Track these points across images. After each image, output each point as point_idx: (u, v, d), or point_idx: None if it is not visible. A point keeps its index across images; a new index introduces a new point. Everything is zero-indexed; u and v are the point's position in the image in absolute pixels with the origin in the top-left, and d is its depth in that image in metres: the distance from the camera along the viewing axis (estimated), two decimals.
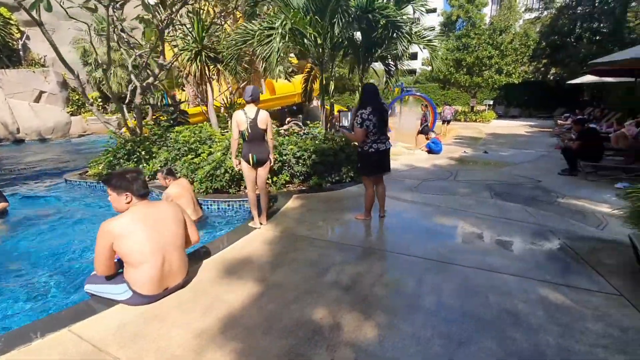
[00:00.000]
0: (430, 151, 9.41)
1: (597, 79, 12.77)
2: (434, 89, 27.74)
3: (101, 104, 20.28)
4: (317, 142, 6.05)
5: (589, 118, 15.16)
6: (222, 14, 8.27)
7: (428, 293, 2.61)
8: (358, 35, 6.34)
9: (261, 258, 3.22)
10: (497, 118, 22.67)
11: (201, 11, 6.68)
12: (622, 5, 18.89)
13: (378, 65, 8.73)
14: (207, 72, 5.81)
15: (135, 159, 6.34)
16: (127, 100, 6.97)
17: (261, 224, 4.02)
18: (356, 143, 4.22)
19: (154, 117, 7.47)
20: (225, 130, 6.62)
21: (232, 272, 2.96)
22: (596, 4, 20.40)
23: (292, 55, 18.91)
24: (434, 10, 46.32)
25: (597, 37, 20.46)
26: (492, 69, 19.19)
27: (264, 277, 2.87)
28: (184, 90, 13.40)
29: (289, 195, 5.26)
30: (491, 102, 22.78)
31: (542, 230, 3.84)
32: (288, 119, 19.30)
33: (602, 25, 20.49)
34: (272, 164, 4.16)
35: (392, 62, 7.29)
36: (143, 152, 6.33)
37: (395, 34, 5.35)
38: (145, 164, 6.20)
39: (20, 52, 18.81)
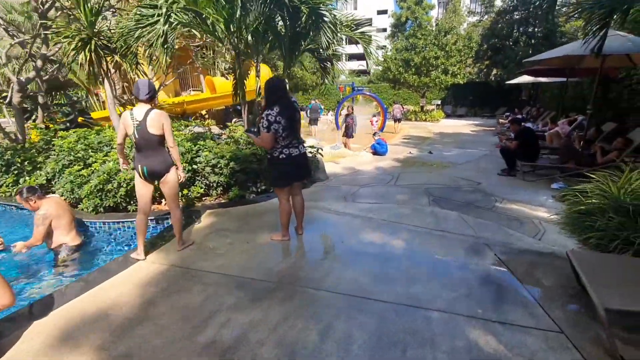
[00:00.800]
0: (375, 153, 9.02)
1: (533, 79, 13.28)
2: (385, 88, 28.01)
3: None
4: (237, 147, 5.28)
5: (526, 117, 15.87)
6: None
7: (332, 352, 1.98)
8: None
9: (123, 309, 2.40)
10: (446, 117, 23.31)
11: None
12: (549, 7, 20.15)
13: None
14: (102, 64, 4.80)
15: (15, 172, 5.14)
16: (7, 99, 5.70)
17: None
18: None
19: (45, 119, 6.21)
20: None
21: (69, 336, 2.13)
22: (530, 10, 21.64)
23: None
24: (385, 12, 47.52)
25: (532, 41, 21.73)
26: (439, 69, 19.57)
27: (113, 342, 2.07)
28: None
29: (203, 210, 4.45)
30: (439, 102, 23.34)
31: (478, 244, 3.41)
32: (235, 120, 18.27)
33: (536, 29, 21.78)
34: (181, 179, 3.34)
35: (328, 57, 6.74)
36: (25, 163, 5.15)
37: (319, 24, 4.76)
38: (26, 177, 5.03)
39: None
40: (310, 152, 6.14)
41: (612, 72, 8.79)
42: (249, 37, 5.66)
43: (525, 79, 14.19)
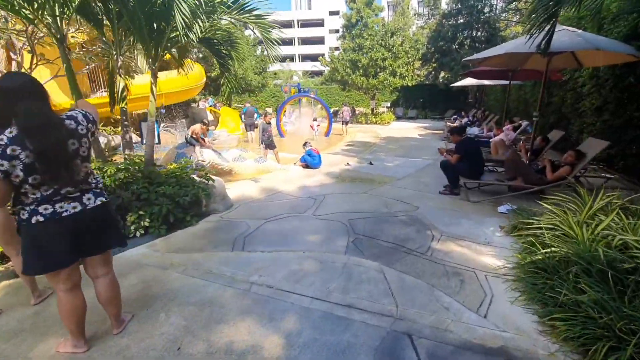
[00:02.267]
0: (307, 166, 7.74)
1: (477, 82, 12.87)
2: (336, 90, 27.15)
3: None
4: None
5: (473, 120, 15.62)
6: None
7: None
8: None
9: None
10: (397, 120, 22.88)
11: None
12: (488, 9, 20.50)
13: None
14: None
15: None
16: None
17: None
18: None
19: None
20: None
21: None
22: (473, 14, 21.82)
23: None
24: (337, 13, 46.95)
25: (476, 44, 21.95)
26: (387, 71, 18.92)
27: None
28: None
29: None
30: (388, 105, 22.86)
31: (396, 337, 2.19)
32: (163, 125, 16.15)
33: (479, 33, 22.03)
34: None
35: (224, 52, 5.30)
36: None
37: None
38: None
39: None
40: (199, 177, 4.68)
41: (555, 74, 8.30)
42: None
43: (469, 81, 13.77)
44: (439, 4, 24.91)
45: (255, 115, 13.51)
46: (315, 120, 13.52)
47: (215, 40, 5.08)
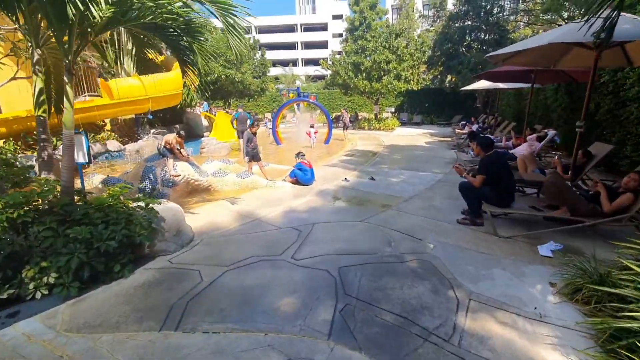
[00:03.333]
0: (297, 181, 6.61)
1: (490, 85, 11.69)
2: (339, 95, 26.06)
3: None
4: None
5: (483, 126, 14.41)
6: None
7: None
8: None
9: None
10: (401, 125, 21.73)
11: None
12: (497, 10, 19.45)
13: None
14: None
15: None
16: None
17: None
18: None
19: None
20: None
21: None
22: (481, 15, 20.69)
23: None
24: (340, 17, 46.03)
25: (485, 47, 20.80)
26: (391, 74, 17.80)
27: None
28: None
29: None
30: (392, 110, 21.73)
31: None
32: (153, 131, 15.11)
33: (488, 36, 20.89)
34: None
35: (184, 44, 4.19)
36: None
37: None
38: None
39: None
40: (140, 205, 3.55)
41: (582, 75, 7.13)
42: None
43: (482, 84, 12.59)
44: (445, 5, 23.80)
45: (249, 121, 12.41)
46: (312, 127, 12.39)
47: (171, 30, 3.98)
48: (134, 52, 5.05)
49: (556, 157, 4.99)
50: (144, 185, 5.98)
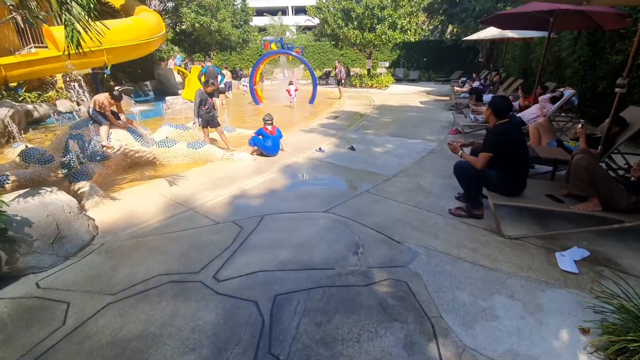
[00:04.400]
0: (261, 153, 5.48)
1: (497, 34, 10.14)
2: (330, 47, 23.85)
3: None
4: None
5: (485, 83, 12.99)
6: None
7: None
8: None
9: None
10: (397, 82, 20.05)
11: None
12: None
13: None
14: None
15: None
16: None
17: None
18: None
19: None
20: None
21: None
22: None
23: None
24: None
25: None
26: (386, 22, 15.83)
27: None
28: None
29: None
30: (387, 65, 19.88)
31: None
32: (118, 89, 13.45)
33: None
34: None
35: None
36: None
37: None
38: None
39: None
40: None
41: (613, 21, 5.78)
42: None
43: (487, 33, 11.02)
44: None
45: (219, 77, 10.90)
46: (291, 84, 10.91)
47: None
48: None
49: (580, 126, 3.87)
50: (67, 159, 4.83)
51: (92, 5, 3.12)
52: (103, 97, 5.37)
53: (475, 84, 12.54)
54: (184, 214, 3.46)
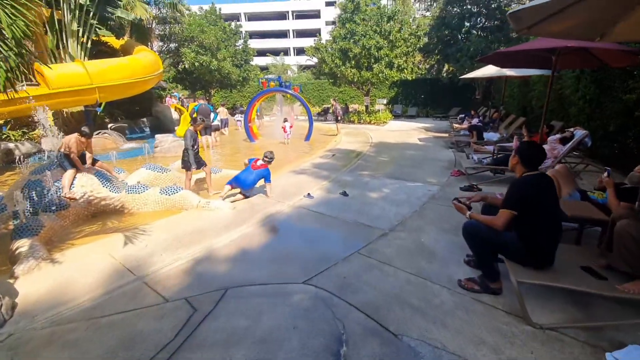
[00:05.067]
0: (244, 196, 4.88)
1: (495, 72, 9.92)
2: (329, 85, 24.12)
3: None
4: None
5: (484, 120, 12.67)
6: None
7: None
8: None
9: None
10: (395, 118, 19.93)
11: None
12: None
13: None
14: None
15: None
16: None
17: None
18: None
19: None
20: None
21: None
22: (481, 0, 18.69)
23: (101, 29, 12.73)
24: (332, 3, 43.69)
25: (485, 33, 18.92)
26: (383, 62, 15.89)
27: None
28: None
29: None
30: (384, 102, 19.87)
31: None
32: (111, 125, 13.16)
33: (488, 22, 18.98)
34: None
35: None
36: None
37: None
38: None
39: None
40: None
41: (620, 58, 5.40)
42: None
43: (485, 71, 10.82)
44: None
45: (212, 115, 10.59)
46: (286, 120, 10.59)
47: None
48: (80, 34, 3.25)
49: (607, 174, 3.27)
50: (20, 209, 4.21)
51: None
52: (72, 138, 4.85)
53: (475, 120, 12.19)
54: (128, 286, 2.77)
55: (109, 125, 12.68)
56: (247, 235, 3.78)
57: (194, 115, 10.00)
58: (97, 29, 11.82)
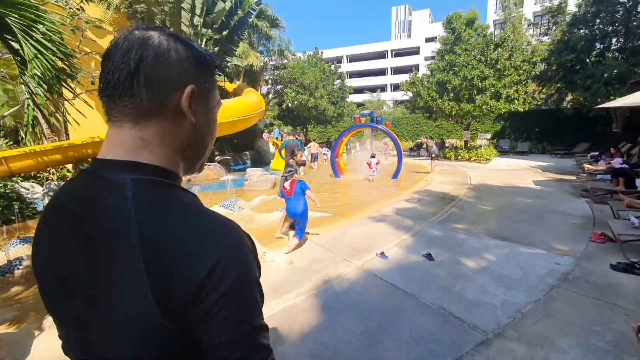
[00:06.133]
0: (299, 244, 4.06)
1: None
2: (424, 119, 22.43)
3: None
4: None
5: (629, 161, 9.38)
6: None
7: None
8: None
9: None
10: (500, 155, 16.94)
11: None
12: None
13: None
14: None
15: None
16: None
17: None
18: None
19: None
20: None
21: None
22: (618, 17, 14.83)
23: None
24: (433, 39, 42.11)
25: (625, 55, 14.81)
26: (487, 93, 13.76)
27: None
28: None
29: None
30: (488, 137, 17.14)
31: None
32: (218, 158, 14.37)
33: (628, 42, 14.87)
34: None
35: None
36: None
37: None
38: None
39: None
40: None
41: None
42: None
43: (630, 99, 8.04)
44: (565, 8, 18.35)
45: (301, 149, 10.41)
46: (373, 156, 9.64)
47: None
48: None
49: None
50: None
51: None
52: None
53: (616, 161, 9.04)
54: None
55: (216, 158, 13.89)
56: (292, 308, 2.88)
57: (282, 150, 9.96)
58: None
